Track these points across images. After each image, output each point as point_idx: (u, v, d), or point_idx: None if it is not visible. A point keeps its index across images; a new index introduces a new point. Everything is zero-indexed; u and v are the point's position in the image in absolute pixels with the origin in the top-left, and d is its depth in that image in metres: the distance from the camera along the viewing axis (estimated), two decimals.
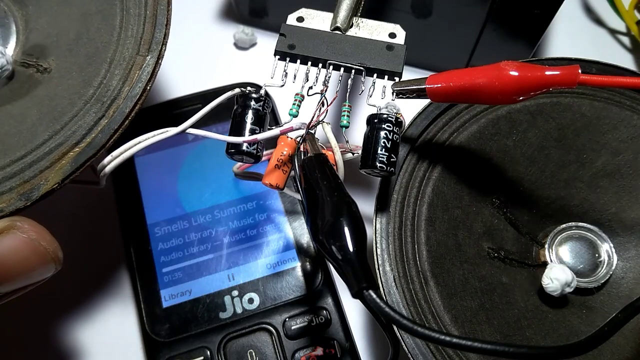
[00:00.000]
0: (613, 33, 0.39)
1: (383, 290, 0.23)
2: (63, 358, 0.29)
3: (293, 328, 0.28)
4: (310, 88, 0.23)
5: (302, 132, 0.23)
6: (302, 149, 0.23)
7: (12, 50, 0.25)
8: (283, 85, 0.24)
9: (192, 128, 0.22)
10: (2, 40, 0.24)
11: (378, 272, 0.23)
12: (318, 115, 0.23)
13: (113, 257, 0.31)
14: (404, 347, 0.22)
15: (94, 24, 0.24)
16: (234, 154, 0.23)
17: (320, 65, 0.24)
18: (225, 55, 0.38)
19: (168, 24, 0.24)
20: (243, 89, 0.23)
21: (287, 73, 0.24)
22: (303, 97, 0.23)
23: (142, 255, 0.30)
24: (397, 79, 0.23)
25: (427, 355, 0.22)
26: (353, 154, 0.24)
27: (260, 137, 0.22)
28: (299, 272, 0.30)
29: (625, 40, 0.39)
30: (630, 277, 0.25)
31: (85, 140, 0.22)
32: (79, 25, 0.24)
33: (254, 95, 0.23)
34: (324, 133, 0.23)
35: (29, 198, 0.21)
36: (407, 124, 0.25)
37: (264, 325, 0.28)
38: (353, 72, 0.24)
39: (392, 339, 0.19)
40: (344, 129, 0.23)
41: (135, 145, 0.22)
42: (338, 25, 0.24)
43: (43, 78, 0.23)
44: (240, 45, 0.38)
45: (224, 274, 0.30)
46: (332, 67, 0.24)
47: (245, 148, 0.22)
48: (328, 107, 0.23)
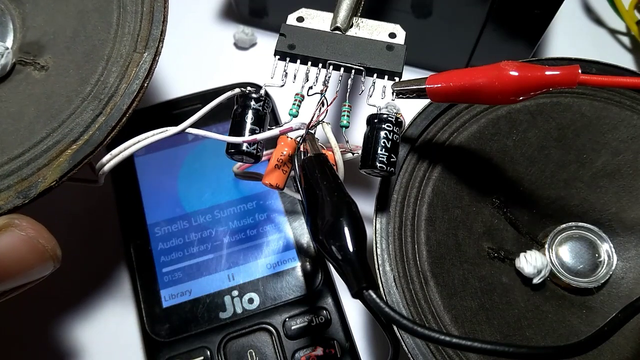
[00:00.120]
0: (613, 33, 0.39)
1: (383, 290, 0.23)
2: (63, 358, 0.29)
3: (293, 328, 0.28)
4: (310, 88, 0.23)
5: (302, 132, 0.23)
6: (302, 149, 0.23)
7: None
8: (283, 85, 0.24)
9: (191, 128, 0.22)
10: None
11: (378, 272, 0.23)
12: (318, 115, 0.23)
13: (113, 257, 0.31)
14: (404, 347, 0.22)
15: (91, 22, 0.24)
16: (234, 154, 0.23)
17: (320, 65, 0.24)
18: (225, 55, 0.38)
19: (165, 21, 0.24)
20: (243, 89, 0.23)
21: (287, 73, 0.24)
22: (303, 97, 0.23)
23: (142, 255, 0.30)
24: (397, 79, 0.23)
25: (427, 355, 0.22)
26: (353, 154, 0.24)
27: (260, 137, 0.22)
28: (299, 272, 0.30)
29: (625, 40, 0.39)
30: (630, 277, 0.25)
31: (83, 138, 0.21)
32: (76, 23, 0.24)
33: (254, 95, 0.23)
34: (324, 133, 0.23)
35: (27, 196, 0.20)
36: (407, 124, 0.25)
37: (264, 325, 0.28)
38: (353, 72, 0.24)
39: (392, 339, 0.19)
40: (344, 129, 0.23)
41: (135, 145, 0.22)
42: (338, 25, 0.24)
43: (40, 76, 0.23)
44: (240, 45, 0.38)
45: (224, 274, 0.30)
46: (332, 67, 0.23)
47: (245, 148, 0.22)
48: (328, 107, 0.23)
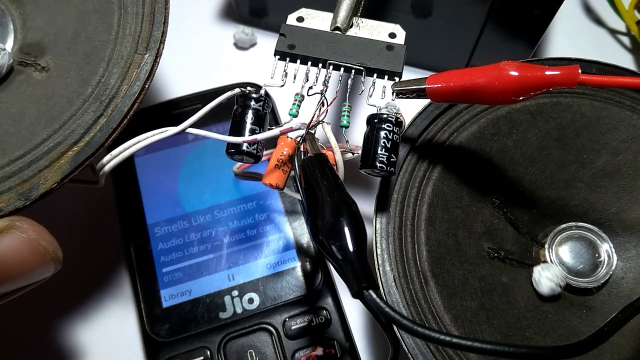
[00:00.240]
0: (613, 33, 0.39)
1: (383, 290, 0.23)
2: (63, 358, 0.29)
3: (293, 328, 0.28)
4: (310, 88, 0.23)
5: (302, 132, 0.23)
6: (302, 149, 0.23)
7: (9, 49, 0.25)
8: (283, 85, 0.24)
9: (192, 128, 0.22)
10: None
11: (378, 272, 0.23)
12: (318, 115, 0.23)
13: (113, 257, 0.31)
14: (404, 347, 0.22)
15: (92, 23, 0.24)
16: (234, 154, 0.23)
17: (320, 65, 0.24)
18: (225, 55, 0.38)
19: (166, 22, 0.24)
20: (243, 89, 0.23)
21: (287, 73, 0.24)
22: (303, 97, 0.23)
23: (142, 255, 0.30)
24: (397, 79, 0.23)
25: (427, 355, 0.22)
26: (353, 154, 0.24)
27: (260, 137, 0.22)
28: (299, 272, 0.30)
29: (625, 40, 0.39)
30: (630, 277, 0.25)
31: (84, 140, 0.21)
32: (77, 24, 0.24)
33: (254, 95, 0.23)
34: (324, 133, 0.23)
35: (28, 197, 0.21)
36: (407, 124, 0.25)
37: (264, 325, 0.28)
38: (353, 72, 0.24)
39: (392, 339, 0.19)
40: (344, 129, 0.23)
41: (135, 145, 0.22)
42: (338, 25, 0.24)
43: (41, 77, 0.23)
44: (240, 45, 0.38)
45: (224, 274, 0.30)
46: (332, 67, 0.24)
47: (245, 148, 0.22)
48: (328, 107, 0.23)
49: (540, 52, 0.38)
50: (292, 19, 0.25)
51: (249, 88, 0.23)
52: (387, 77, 0.24)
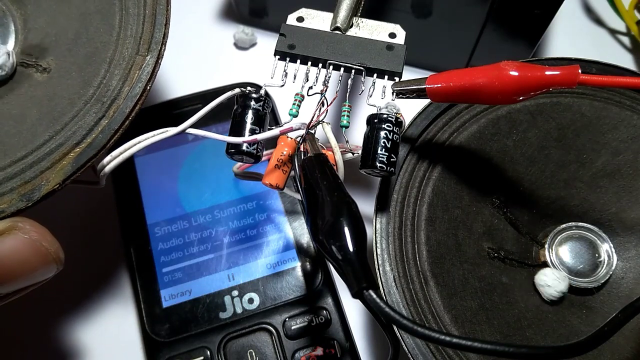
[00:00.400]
0: (613, 33, 0.39)
1: (383, 290, 0.23)
2: (63, 358, 0.29)
3: (293, 328, 0.28)
4: (310, 88, 0.23)
5: (302, 132, 0.23)
6: (302, 149, 0.23)
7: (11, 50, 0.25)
8: (283, 85, 0.24)
9: (192, 128, 0.22)
10: (1, 40, 0.24)
11: (378, 272, 0.23)
12: (318, 115, 0.23)
13: (113, 257, 0.31)
14: (404, 347, 0.22)
15: (93, 24, 0.24)
16: (234, 154, 0.23)
17: (320, 65, 0.24)
18: (225, 55, 0.38)
19: (167, 24, 0.24)
20: (243, 89, 0.23)
21: (287, 73, 0.24)
22: (303, 97, 0.23)
23: (142, 255, 0.30)
24: (397, 79, 0.23)
25: (427, 355, 0.22)
26: (353, 154, 0.24)
27: (260, 137, 0.22)
28: (299, 272, 0.30)
29: (625, 40, 0.39)
30: (630, 277, 0.25)
31: (86, 141, 0.22)
32: (78, 25, 0.24)
33: (254, 95, 0.23)
34: (324, 133, 0.23)
35: (30, 199, 0.21)
36: (407, 124, 0.25)
37: (264, 325, 0.28)
38: (353, 72, 0.24)
39: (392, 339, 0.19)
40: (344, 129, 0.23)
41: (135, 145, 0.22)
42: (338, 25, 0.24)
43: (42, 78, 0.23)
44: (240, 45, 0.38)
45: (224, 274, 0.30)
46: (332, 67, 0.24)
47: (245, 148, 0.22)
48: (328, 107, 0.23)
49: (540, 52, 0.38)
50: (292, 19, 0.25)
51: (249, 88, 0.23)
52: (387, 77, 0.24)
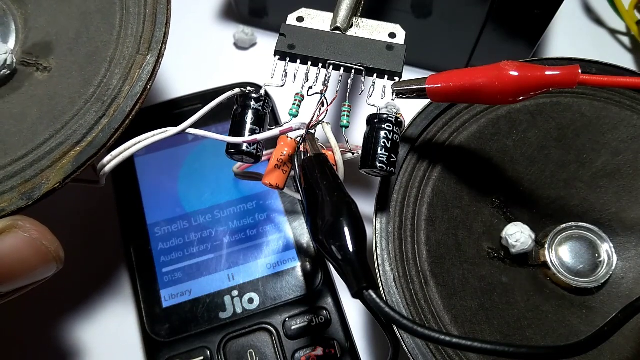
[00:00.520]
0: (613, 33, 0.39)
1: (383, 290, 0.23)
2: (63, 358, 0.29)
3: (293, 328, 0.28)
4: (310, 88, 0.23)
5: (302, 132, 0.23)
6: (302, 149, 0.23)
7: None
8: (283, 85, 0.24)
9: (192, 128, 0.22)
10: (1, 39, 0.24)
11: (378, 272, 0.23)
12: (318, 115, 0.23)
13: (113, 257, 0.31)
14: (404, 347, 0.22)
15: (94, 23, 0.24)
16: (234, 154, 0.23)
17: (320, 65, 0.24)
18: (225, 55, 0.38)
19: (168, 23, 0.24)
20: (243, 89, 0.23)
21: (287, 73, 0.24)
22: (303, 97, 0.23)
23: (142, 255, 0.30)
24: (397, 79, 0.23)
25: (427, 355, 0.22)
26: (353, 154, 0.24)
27: (260, 137, 0.22)
28: (299, 272, 0.30)
29: (625, 40, 0.39)
30: (630, 277, 0.25)
31: (86, 140, 0.22)
32: (79, 24, 0.24)
33: (254, 95, 0.23)
34: (324, 133, 0.23)
35: (31, 197, 0.21)
36: (407, 124, 0.25)
37: (264, 325, 0.28)
38: (353, 72, 0.24)
39: (392, 339, 0.19)
40: (344, 129, 0.23)
41: (135, 145, 0.22)
42: (338, 25, 0.24)
43: (43, 77, 0.23)
44: (240, 45, 0.38)
45: (224, 274, 0.30)
46: (332, 67, 0.24)
47: (245, 148, 0.22)
48: (328, 107, 0.23)
49: (540, 52, 0.38)
50: (292, 19, 0.25)
51: (249, 88, 0.23)
52: (387, 77, 0.24)
